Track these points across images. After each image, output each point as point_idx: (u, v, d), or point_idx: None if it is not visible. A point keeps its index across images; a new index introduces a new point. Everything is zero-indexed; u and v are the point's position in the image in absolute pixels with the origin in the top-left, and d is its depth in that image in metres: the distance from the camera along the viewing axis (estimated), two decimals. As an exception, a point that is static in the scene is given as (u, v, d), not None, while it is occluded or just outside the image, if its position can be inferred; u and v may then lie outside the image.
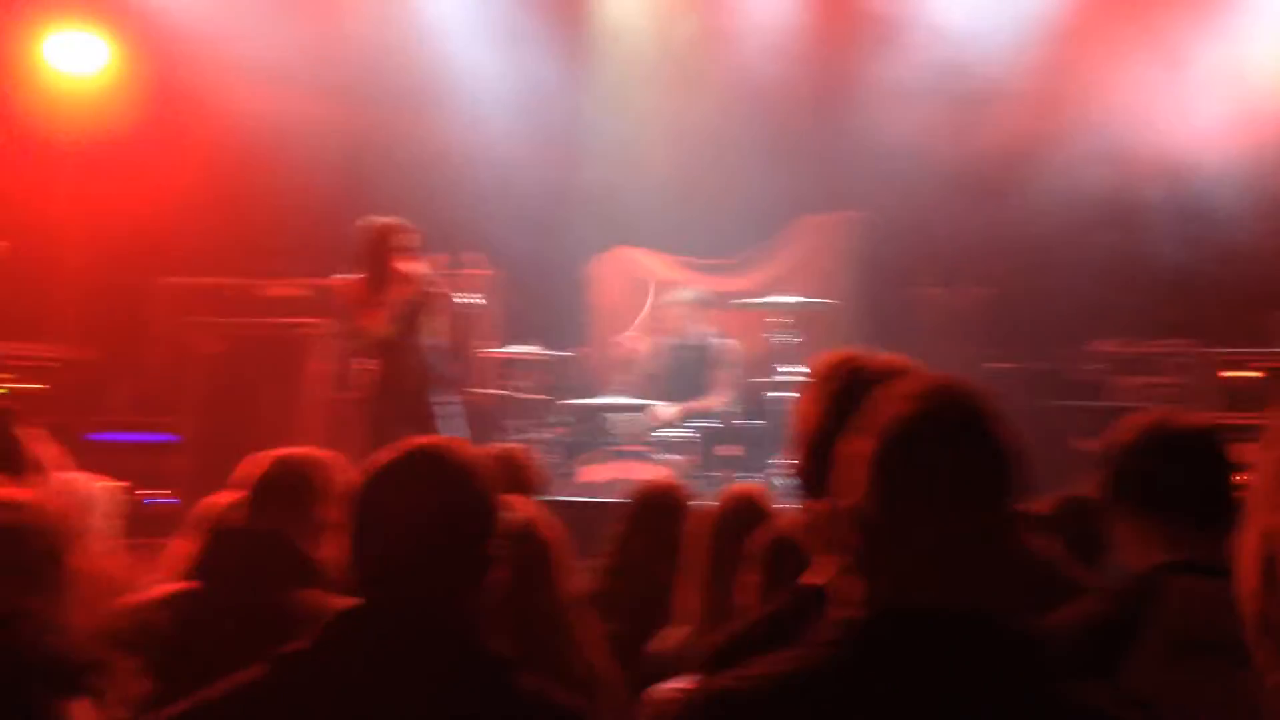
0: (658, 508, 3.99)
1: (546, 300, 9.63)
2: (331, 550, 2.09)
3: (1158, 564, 2.55)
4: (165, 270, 9.26)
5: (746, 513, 3.42)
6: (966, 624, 1.56)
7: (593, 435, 8.56)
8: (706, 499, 7.42)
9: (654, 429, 8.38)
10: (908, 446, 1.60)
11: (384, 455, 2.07)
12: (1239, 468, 2.63)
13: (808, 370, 2.39)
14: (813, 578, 2.21)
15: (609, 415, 8.52)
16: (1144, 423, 2.70)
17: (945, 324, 9.55)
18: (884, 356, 2.31)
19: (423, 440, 2.10)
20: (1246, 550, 0.57)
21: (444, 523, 2.00)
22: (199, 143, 9.39)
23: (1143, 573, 2.56)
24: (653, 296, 9.36)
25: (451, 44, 9.88)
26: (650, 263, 10.26)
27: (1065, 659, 2.35)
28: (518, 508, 2.96)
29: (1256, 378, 8.00)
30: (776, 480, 7.32)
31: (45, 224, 9.47)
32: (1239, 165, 8.65)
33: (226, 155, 9.34)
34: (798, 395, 2.40)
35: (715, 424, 8.38)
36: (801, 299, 8.43)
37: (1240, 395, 7.91)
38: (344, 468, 3.09)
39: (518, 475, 3.95)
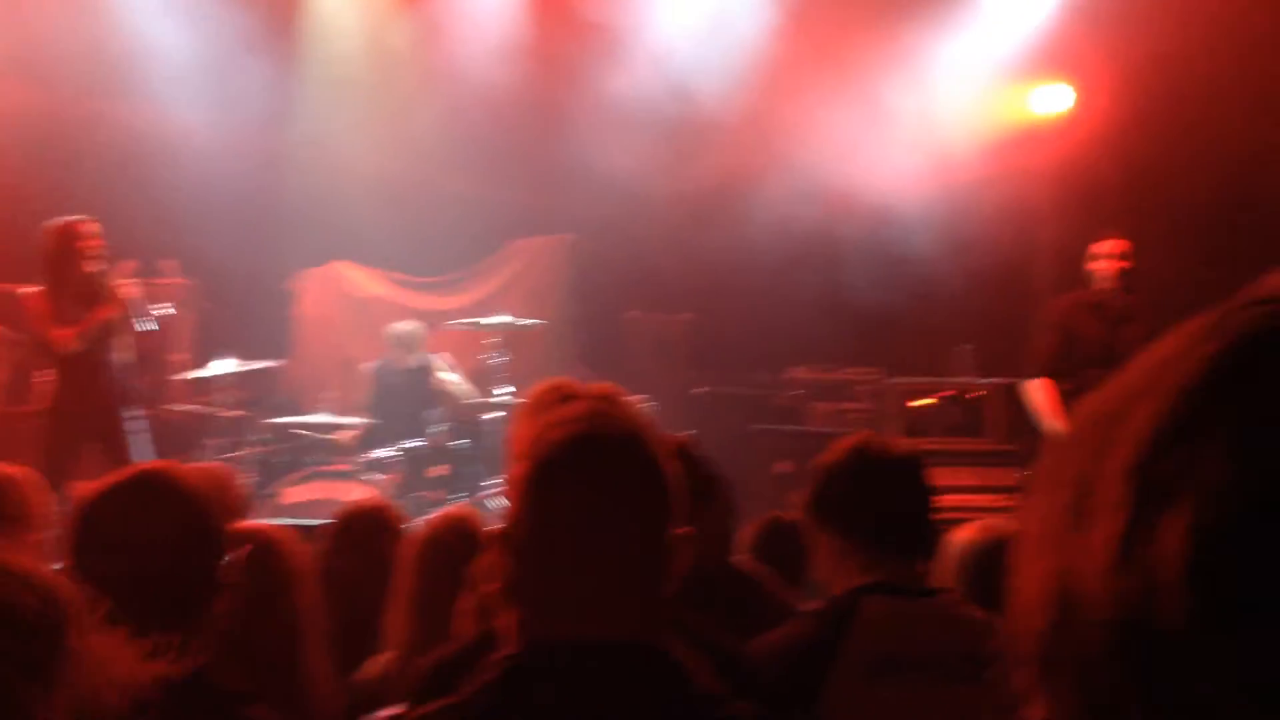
0: (364, 529, 3.88)
1: (248, 313, 9.28)
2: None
3: (856, 586, 2.61)
4: None
5: (457, 536, 3.37)
6: (616, 655, 1.53)
7: (297, 454, 8.29)
8: (415, 520, 7.35)
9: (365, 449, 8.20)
10: (554, 470, 1.58)
11: (103, 481, 1.95)
12: (935, 494, 2.75)
13: (521, 394, 2.40)
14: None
15: (315, 434, 8.28)
16: (846, 447, 2.73)
17: (653, 347, 9.78)
18: (596, 383, 2.34)
19: (144, 465, 2.00)
20: (1029, 590, 0.58)
21: (169, 549, 1.90)
22: None
23: (842, 594, 2.62)
24: (373, 315, 9.19)
25: (145, 29, 9.33)
26: (361, 278, 10.07)
27: (771, 682, 2.42)
28: (258, 528, 2.83)
29: (939, 406, 8.50)
30: (488, 502, 7.28)
31: None
32: (931, 207, 9.20)
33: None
34: (508, 417, 2.41)
35: (424, 444, 8.27)
36: (513, 319, 8.44)
37: (923, 422, 8.38)
38: (40, 485, 2.88)
39: (223, 495, 3.77)
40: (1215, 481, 0.52)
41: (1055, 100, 9.63)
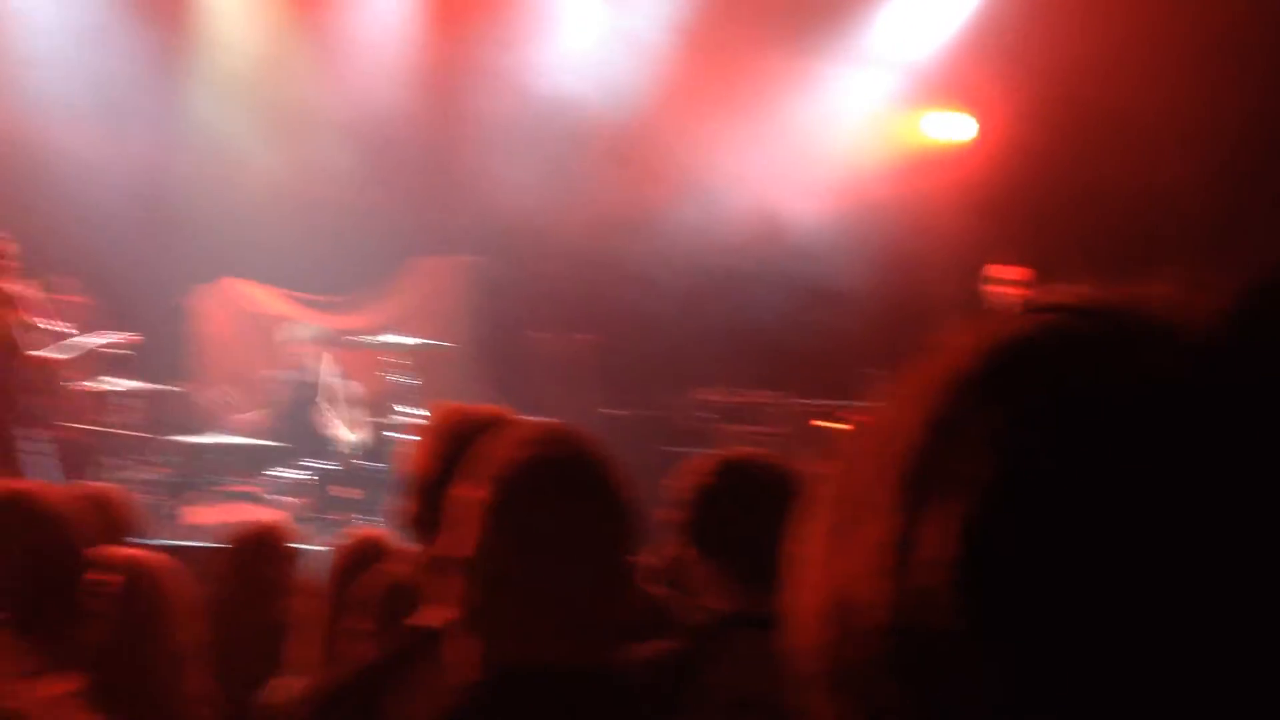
0: (258, 551, 3.82)
1: (146, 331, 9.10)
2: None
3: (719, 616, 2.43)
4: None
5: (366, 557, 3.33)
6: (578, 681, 1.51)
7: (199, 475, 8.14)
8: (322, 541, 7.25)
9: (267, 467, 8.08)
10: (523, 495, 1.54)
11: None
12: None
13: (423, 417, 2.38)
14: (422, 621, 2.18)
15: (218, 454, 8.15)
16: (711, 466, 2.53)
17: (558, 369, 9.76)
18: (489, 406, 2.33)
19: (7, 485, 1.92)
20: (806, 606, 0.57)
21: (23, 571, 1.83)
22: None
23: (702, 625, 2.45)
24: (269, 331, 9.05)
25: (38, 42, 9.16)
26: (259, 296, 9.94)
27: (639, 691, 2.34)
28: (137, 559, 2.76)
29: (845, 429, 8.57)
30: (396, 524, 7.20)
31: None
32: (834, 231, 9.30)
33: None
34: (410, 441, 2.38)
35: (332, 465, 8.17)
36: (418, 340, 8.37)
37: (830, 444, 8.46)
38: None
39: (111, 517, 3.68)
40: (981, 479, 0.52)
41: (954, 127, 9.81)
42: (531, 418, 2.05)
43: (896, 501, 0.54)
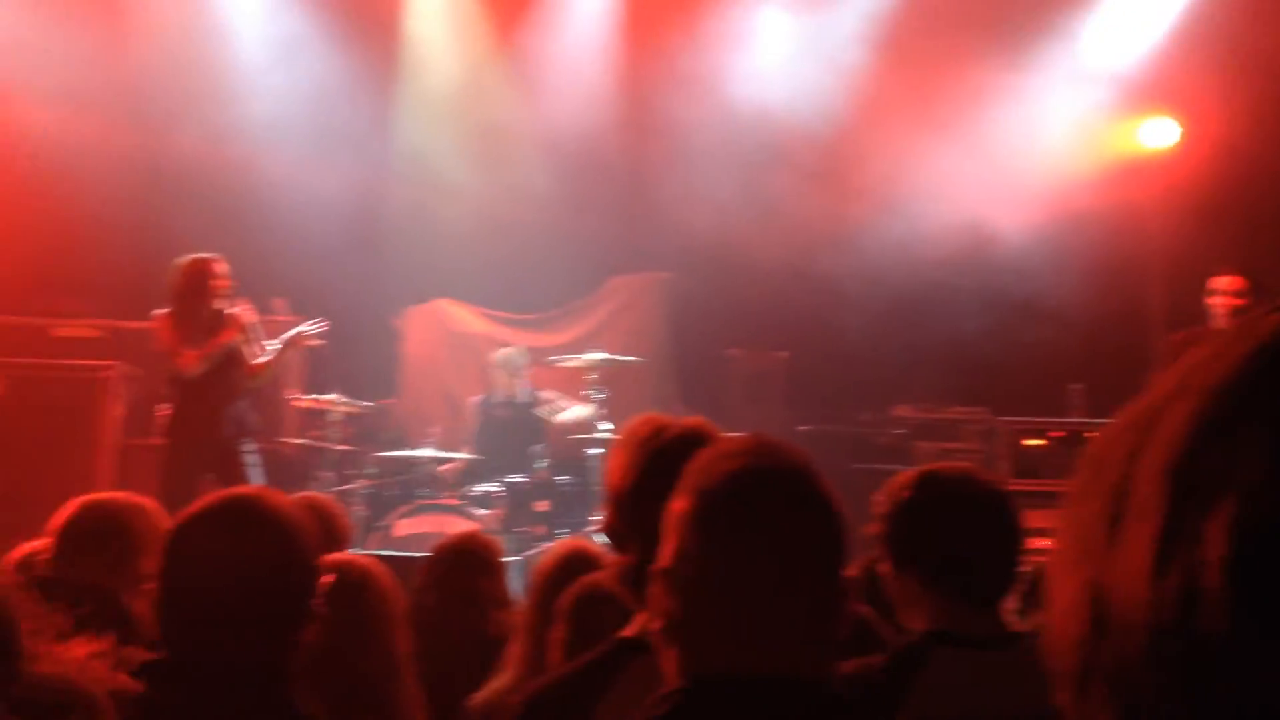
0: (464, 562, 3.93)
1: (356, 349, 9.45)
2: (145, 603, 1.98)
3: (924, 634, 2.39)
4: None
5: (571, 567, 3.39)
6: (782, 691, 1.49)
7: (405, 488, 8.41)
8: (521, 553, 7.41)
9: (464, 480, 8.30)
10: (722, 505, 1.53)
11: (196, 504, 1.97)
12: (1022, 535, 2.47)
13: (618, 430, 2.39)
14: (626, 631, 2.21)
15: (421, 468, 8.40)
16: (912, 480, 2.49)
17: (751, 385, 9.75)
18: (688, 418, 2.33)
19: (238, 490, 2.01)
20: (1064, 601, 0.57)
21: (256, 576, 1.91)
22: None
23: (906, 644, 2.41)
24: (475, 351, 9.30)
25: (251, 70, 9.62)
26: (462, 315, 10.21)
27: (845, 707, 2.32)
28: (354, 564, 2.87)
29: (1050, 446, 8.34)
30: (591, 537, 7.32)
31: None
32: (1038, 243, 9.07)
33: (13, 182, 8.89)
34: (607, 454, 2.40)
35: (531, 479, 8.34)
36: (610, 356, 8.48)
37: (1034, 462, 8.24)
38: (159, 514, 2.93)
39: (324, 526, 3.84)
40: (1254, 480, 0.51)
41: (1164, 133, 9.46)
42: (731, 433, 2.05)
43: (1165, 502, 0.54)
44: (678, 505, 1.57)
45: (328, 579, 2.06)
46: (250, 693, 1.88)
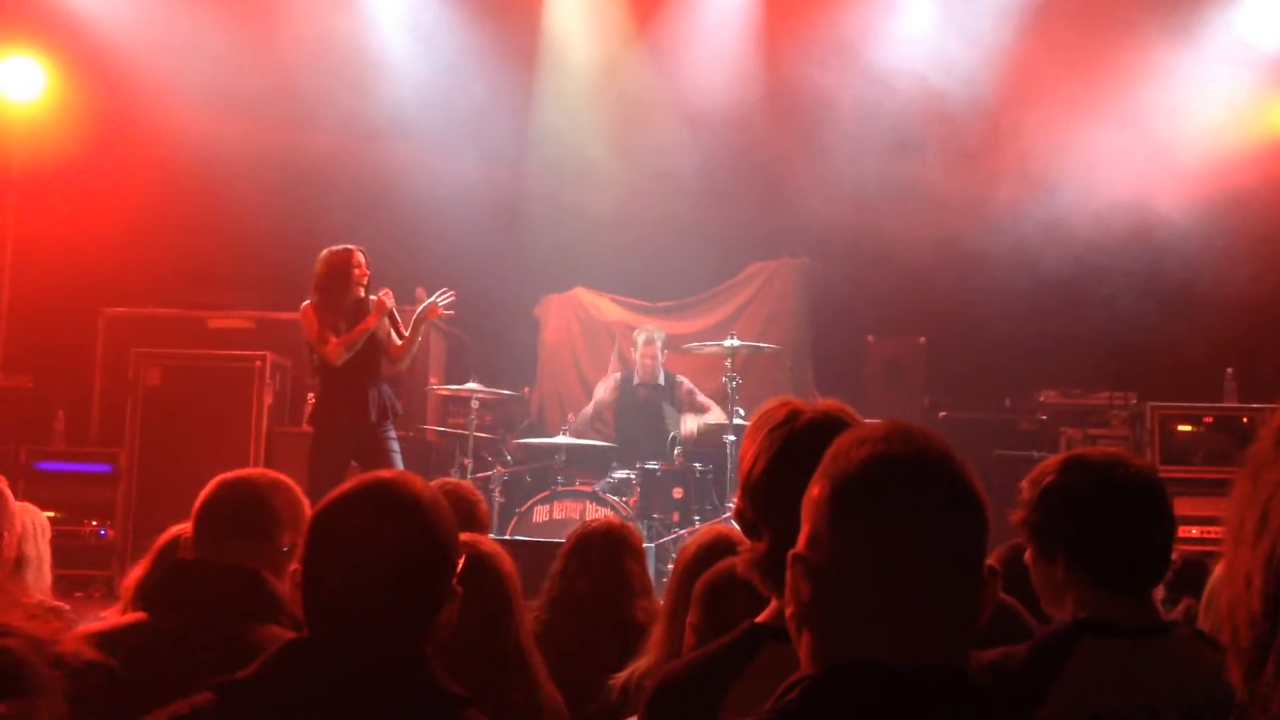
0: (599, 547, 3.97)
1: (494, 338, 9.60)
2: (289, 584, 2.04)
3: (1073, 622, 2.34)
4: (109, 300, 9.17)
5: (710, 553, 3.41)
6: (919, 679, 1.47)
7: (541, 475, 8.53)
8: (651, 541, 7.46)
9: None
10: (862, 491, 1.50)
11: (340, 487, 2.03)
12: (1172, 521, 2.41)
13: (751, 415, 2.37)
14: (761, 617, 2.21)
15: (562, 456, 8.51)
16: (1058, 466, 2.43)
17: (889, 371, 9.65)
18: (823, 402, 2.30)
19: (380, 474, 2.06)
20: (1240, 578, 0.56)
21: (399, 557, 1.95)
22: (142, 170, 9.26)
23: (1053, 633, 2.36)
24: (610, 337, 9.37)
25: (396, 75, 9.80)
26: (599, 303, 10.29)
27: (987, 696, 2.28)
28: (479, 544, 2.92)
29: (1201, 432, 8.09)
30: (730, 523, 7.33)
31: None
32: (1188, 223, 8.80)
33: (170, 183, 9.22)
34: (741, 439, 2.39)
35: (668, 466, 8.38)
36: (748, 343, 8.47)
37: (1184, 448, 8.01)
38: (296, 490, 3.01)
39: (463, 511, 3.92)
40: None
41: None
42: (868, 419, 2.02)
43: None
44: (813, 491, 1.55)
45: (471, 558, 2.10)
46: (394, 671, 1.93)
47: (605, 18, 10.17)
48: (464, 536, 2.47)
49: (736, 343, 8.35)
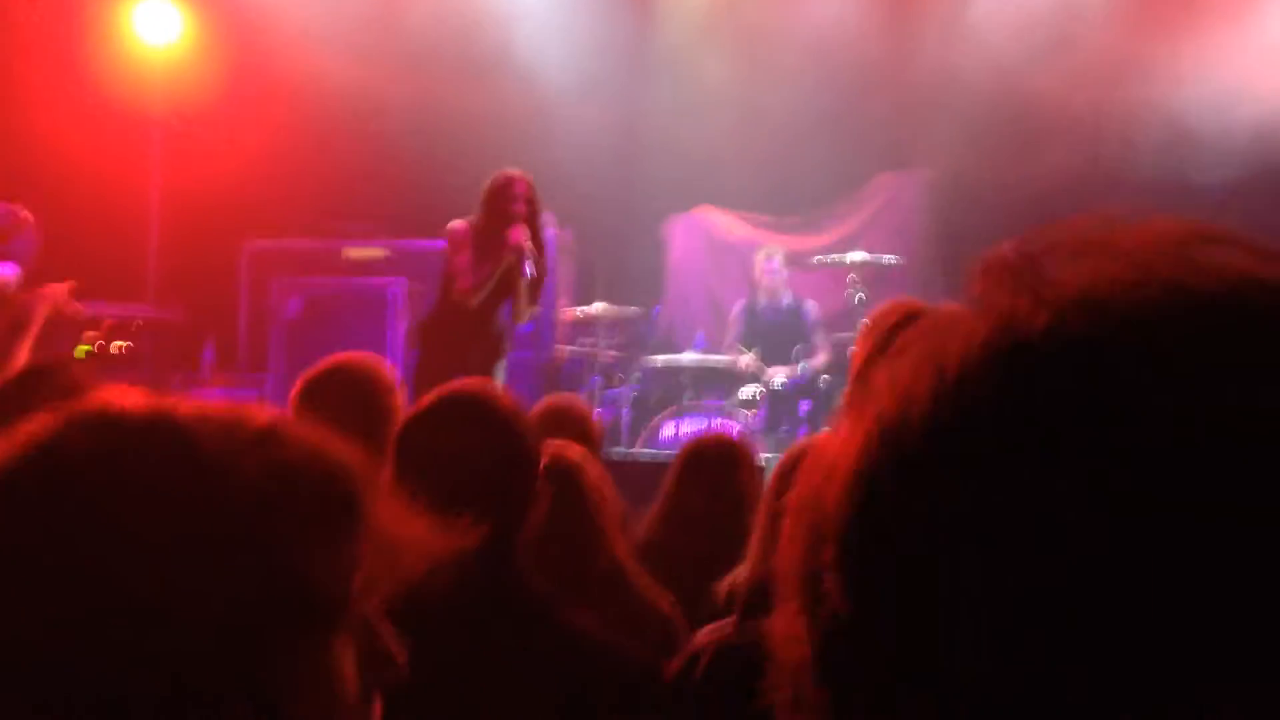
0: (711, 460, 4.03)
1: (622, 258, 9.67)
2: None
3: None
4: (250, 233, 9.48)
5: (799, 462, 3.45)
6: None
7: (669, 393, 8.63)
8: (779, 455, 7.51)
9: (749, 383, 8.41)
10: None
11: (423, 399, 2.13)
12: None
13: (873, 320, 2.39)
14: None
15: (690, 373, 8.58)
16: None
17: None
18: (944, 304, 2.31)
19: (460, 385, 2.16)
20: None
21: (480, 461, 2.05)
22: (277, 109, 9.54)
23: None
24: (735, 255, 9.38)
25: (513, 4, 9.89)
26: (725, 221, 10.29)
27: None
28: (564, 451, 3.02)
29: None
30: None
31: (133, 189, 9.75)
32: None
33: (305, 121, 9.49)
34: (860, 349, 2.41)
35: (793, 380, 8.40)
36: (874, 256, 8.40)
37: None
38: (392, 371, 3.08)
39: (574, 427, 4.01)
40: None
41: None
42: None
43: None
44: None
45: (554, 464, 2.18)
46: (483, 570, 2.03)
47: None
48: (553, 444, 2.57)
49: (863, 256, 8.29)
